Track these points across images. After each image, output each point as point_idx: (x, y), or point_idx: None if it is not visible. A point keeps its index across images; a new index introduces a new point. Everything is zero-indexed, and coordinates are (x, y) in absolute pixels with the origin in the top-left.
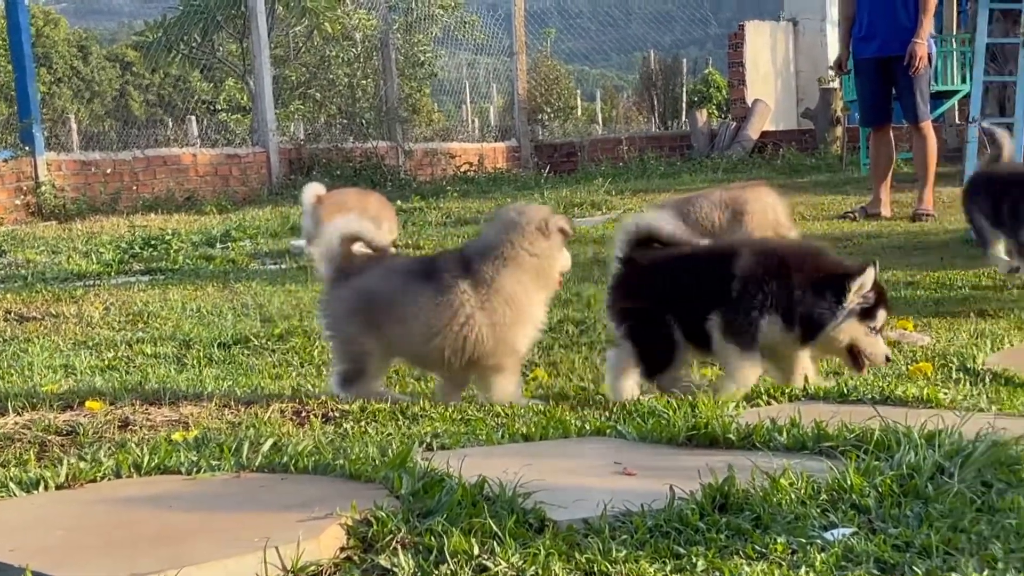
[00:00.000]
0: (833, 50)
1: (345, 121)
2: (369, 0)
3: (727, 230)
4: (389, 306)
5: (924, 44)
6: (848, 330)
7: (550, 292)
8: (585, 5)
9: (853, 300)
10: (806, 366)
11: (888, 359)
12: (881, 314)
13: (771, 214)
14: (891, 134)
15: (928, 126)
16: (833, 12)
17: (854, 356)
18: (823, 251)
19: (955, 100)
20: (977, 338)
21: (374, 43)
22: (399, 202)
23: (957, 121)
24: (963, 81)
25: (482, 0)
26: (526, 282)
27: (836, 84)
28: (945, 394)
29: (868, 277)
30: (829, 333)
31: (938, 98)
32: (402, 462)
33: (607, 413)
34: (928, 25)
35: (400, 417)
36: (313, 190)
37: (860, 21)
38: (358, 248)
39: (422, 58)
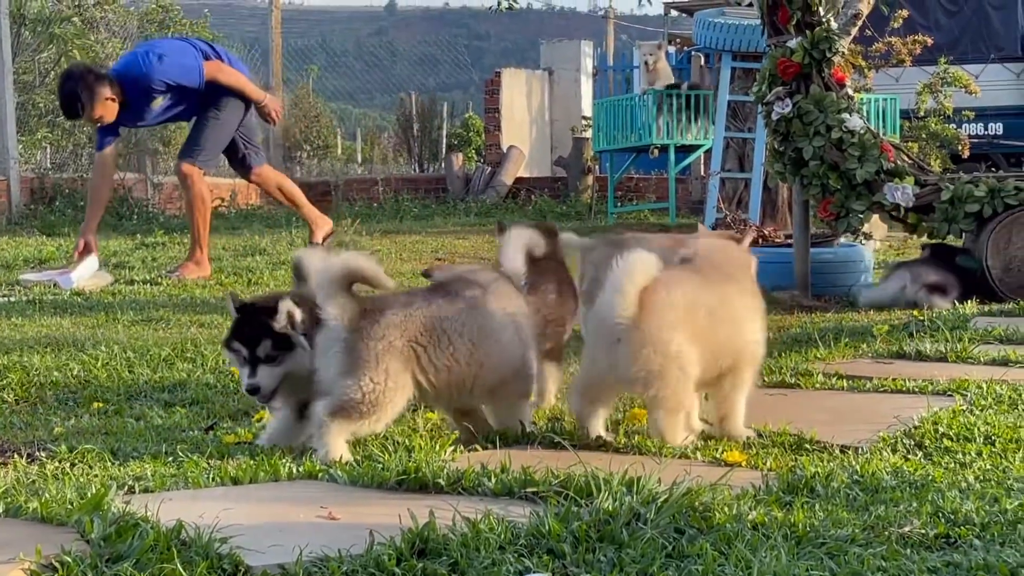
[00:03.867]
0: (587, 100)
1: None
2: (123, 30)
3: None
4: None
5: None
6: None
7: None
8: (351, 45)
9: None
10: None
11: None
12: None
13: None
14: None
15: (190, 169)
16: (588, 64)
17: None
18: None
19: (699, 154)
20: None
21: None
22: (139, 236)
23: (702, 174)
24: (706, 136)
25: (244, 35)
26: None
27: (588, 134)
28: (653, 442)
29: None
30: None
31: (683, 151)
32: (96, 505)
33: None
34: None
35: (109, 459)
36: None
37: None
38: None
39: None
